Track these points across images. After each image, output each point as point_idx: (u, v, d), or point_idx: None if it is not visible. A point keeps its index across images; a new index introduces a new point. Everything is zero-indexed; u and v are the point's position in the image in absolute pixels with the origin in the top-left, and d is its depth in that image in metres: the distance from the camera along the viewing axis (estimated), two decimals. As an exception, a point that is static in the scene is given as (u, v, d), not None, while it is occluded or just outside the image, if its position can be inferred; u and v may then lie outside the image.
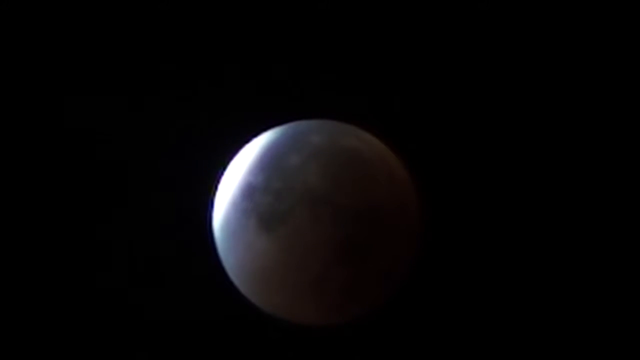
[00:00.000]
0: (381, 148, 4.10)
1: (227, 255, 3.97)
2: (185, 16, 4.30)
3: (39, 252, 4.19)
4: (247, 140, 4.06)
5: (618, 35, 4.30)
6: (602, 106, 4.31)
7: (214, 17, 4.30)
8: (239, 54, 4.31)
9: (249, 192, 3.88)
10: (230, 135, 4.14)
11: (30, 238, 4.19)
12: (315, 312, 3.91)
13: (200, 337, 4.18)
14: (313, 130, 4.02)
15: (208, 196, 4.05)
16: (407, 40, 4.30)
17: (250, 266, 3.88)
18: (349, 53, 4.31)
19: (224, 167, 4.04)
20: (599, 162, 4.29)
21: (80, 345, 4.18)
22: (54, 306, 4.19)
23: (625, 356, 4.20)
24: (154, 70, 4.29)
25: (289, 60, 4.31)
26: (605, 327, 4.22)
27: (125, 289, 4.21)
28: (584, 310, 4.23)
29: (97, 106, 4.27)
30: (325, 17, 4.31)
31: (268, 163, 3.90)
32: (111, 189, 4.24)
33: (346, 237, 3.80)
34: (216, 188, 4.04)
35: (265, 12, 4.32)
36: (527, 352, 4.21)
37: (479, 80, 4.30)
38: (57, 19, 4.26)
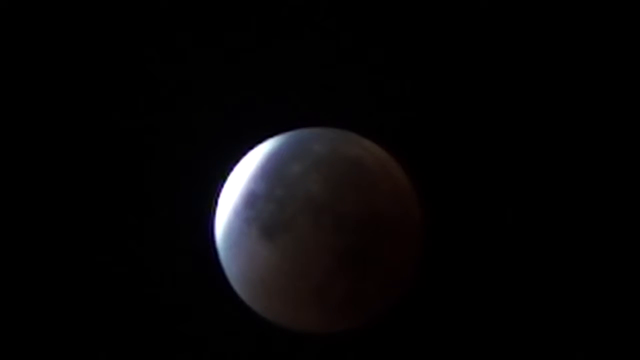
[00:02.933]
0: (383, 156, 4.10)
1: (229, 263, 3.97)
2: (185, 23, 4.30)
3: (39, 262, 4.20)
4: (248, 148, 4.07)
5: (618, 35, 4.30)
6: (603, 108, 4.31)
7: (215, 23, 4.31)
8: (240, 60, 4.31)
9: (251, 201, 3.88)
10: (232, 144, 4.14)
11: (30, 250, 4.20)
12: (318, 320, 3.91)
13: (202, 346, 4.18)
14: (315, 139, 4.03)
15: (210, 205, 4.05)
16: (409, 48, 4.31)
17: (252, 274, 3.88)
18: (350, 60, 4.31)
19: (226, 176, 4.04)
20: (602, 169, 4.28)
21: (80, 353, 4.18)
22: (55, 311, 4.19)
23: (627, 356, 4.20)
24: (156, 76, 4.30)
25: (290, 68, 4.32)
26: (612, 334, 4.21)
27: (127, 297, 4.21)
28: (587, 316, 4.22)
29: (99, 111, 4.27)
30: (326, 24, 4.32)
31: (270, 171, 3.91)
32: (112, 196, 4.25)
33: (348, 245, 3.80)
34: (218, 196, 4.04)
35: (267, 18, 4.32)
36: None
37: (482, 88, 4.30)
38: (53, 20, 4.27)
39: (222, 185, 4.03)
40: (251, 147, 4.06)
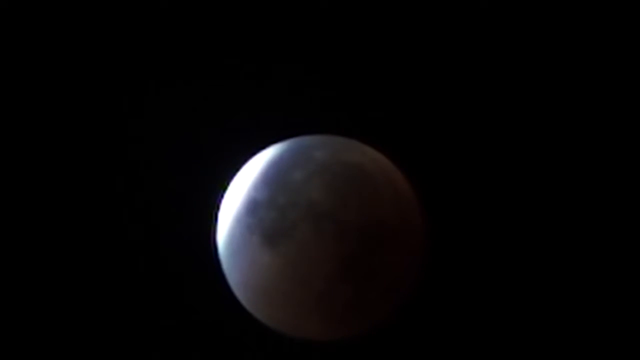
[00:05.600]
0: (385, 163, 4.10)
1: (231, 271, 3.97)
2: (188, 28, 4.31)
3: (41, 266, 4.20)
4: (250, 155, 4.07)
5: (618, 36, 4.31)
6: (603, 109, 4.31)
7: (215, 31, 4.32)
8: (242, 68, 4.32)
9: (253, 208, 3.88)
10: (234, 151, 4.15)
11: (30, 254, 4.20)
12: (320, 327, 3.91)
13: (204, 353, 4.18)
14: (317, 146, 4.03)
15: (212, 212, 4.05)
16: (412, 56, 4.31)
17: (254, 282, 3.88)
18: (352, 68, 4.32)
19: (228, 183, 4.04)
20: (605, 172, 4.29)
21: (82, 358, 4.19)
22: (56, 318, 4.19)
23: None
24: (158, 83, 4.30)
25: (292, 75, 4.32)
26: (612, 334, 4.21)
27: (128, 303, 4.20)
28: (592, 322, 4.23)
29: (102, 117, 4.28)
30: (328, 33, 4.32)
31: (272, 178, 3.91)
32: (114, 203, 4.25)
33: (350, 252, 3.80)
34: (220, 204, 4.04)
35: (268, 26, 4.33)
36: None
37: (483, 95, 4.31)
38: (53, 19, 4.27)
39: (224, 193, 4.04)
40: (253, 155, 4.07)
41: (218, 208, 4.04)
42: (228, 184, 4.04)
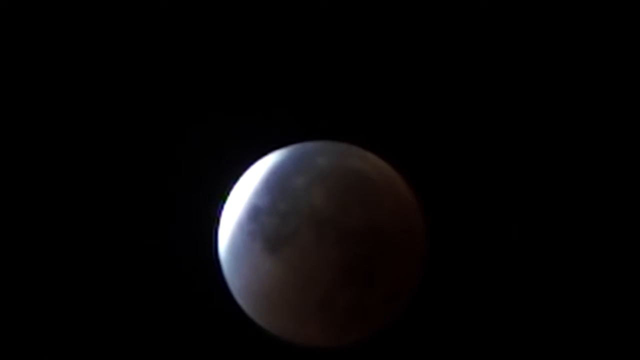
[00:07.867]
0: (386, 169, 4.11)
1: (233, 277, 3.97)
2: (187, 37, 4.32)
3: (43, 273, 4.20)
4: (252, 162, 4.07)
5: (617, 36, 4.31)
6: (602, 110, 4.31)
7: (217, 37, 4.32)
8: (242, 73, 4.33)
9: (255, 214, 3.88)
10: (236, 157, 4.15)
11: (33, 260, 4.20)
12: (321, 333, 3.91)
13: (206, 359, 4.18)
14: (318, 152, 4.03)
15: (214, 218, 4.06)
16: (412, 62, 4.32)
17: (255, 288, 3.88)
18: (354, 74, 4.33)
19: (229, 189, 4.05)
20: (604, 173, 4.29)
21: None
22: (57, 323, 4.19)
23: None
24: (159, 89, 4.31)
25: (294, 81, 4.33)
26: (613, 334, 4.21)
27: (129, 309, 4.21)
28: (591, 322, 4.23)
29: (104, 125, 4.29)
30: (330, 40, 4.33)
31: (273, 185, 3.91)
32: (115, 208, 4.25)
33: (352, 258, 3.80)
34: (222, 210, 4.04)
35: (271, 33, 4.33)
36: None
37: (485, 100, 4.31)
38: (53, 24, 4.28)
39: (226, 199, 4.04)
40: (254, 161, 4.07)
41: (220, 214, 4.04)
42: (230, 190, 4.05)
